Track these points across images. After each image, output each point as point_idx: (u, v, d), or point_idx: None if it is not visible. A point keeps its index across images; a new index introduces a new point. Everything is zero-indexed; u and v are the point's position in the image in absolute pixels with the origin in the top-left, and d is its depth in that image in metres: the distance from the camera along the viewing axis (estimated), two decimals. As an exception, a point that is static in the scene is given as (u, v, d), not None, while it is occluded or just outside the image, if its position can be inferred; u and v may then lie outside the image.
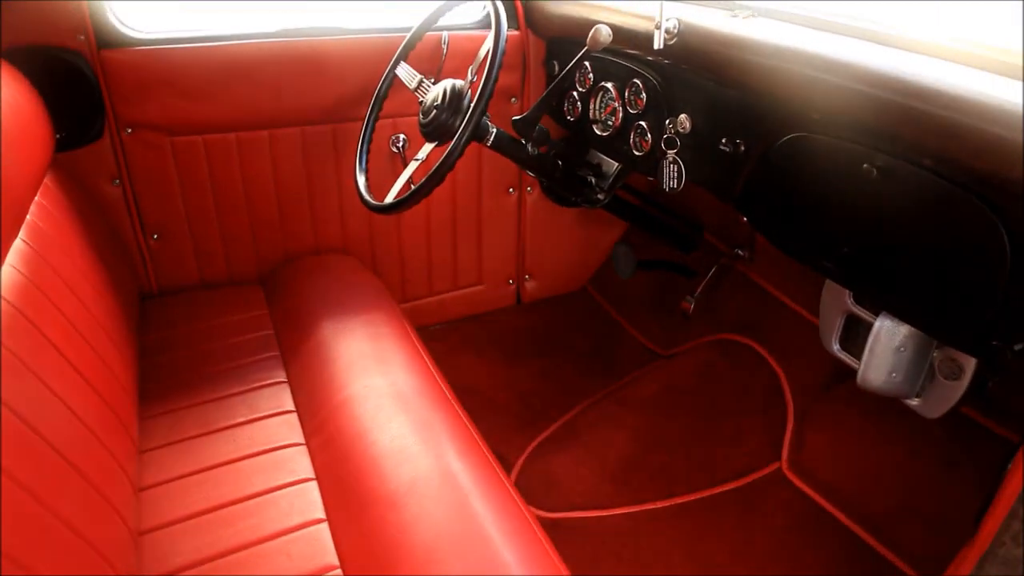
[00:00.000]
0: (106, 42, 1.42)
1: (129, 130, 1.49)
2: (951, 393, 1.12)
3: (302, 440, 1.19)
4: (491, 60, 1.26)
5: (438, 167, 1.26)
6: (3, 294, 0.86)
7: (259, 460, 1.14)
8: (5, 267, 0.91)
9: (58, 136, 1.33)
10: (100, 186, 1.51)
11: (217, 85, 1.52)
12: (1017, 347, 0.88)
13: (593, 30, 1.24)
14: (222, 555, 0.97)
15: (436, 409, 1.18)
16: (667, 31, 1.25)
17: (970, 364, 1.08)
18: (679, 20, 1.26)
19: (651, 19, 1.29)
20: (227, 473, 1.11)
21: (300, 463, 1.14)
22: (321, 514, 1.04)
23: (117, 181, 1.52)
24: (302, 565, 0.96)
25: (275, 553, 0.98)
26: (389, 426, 1.12)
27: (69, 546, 0.76)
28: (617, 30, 1.28)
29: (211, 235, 1.65)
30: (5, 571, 0.64)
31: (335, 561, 0.97)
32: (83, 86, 1.42)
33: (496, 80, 1.26)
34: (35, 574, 0.68)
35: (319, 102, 1.62)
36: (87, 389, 0.97)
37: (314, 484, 1.10)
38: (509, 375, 1.84)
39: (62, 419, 0.87)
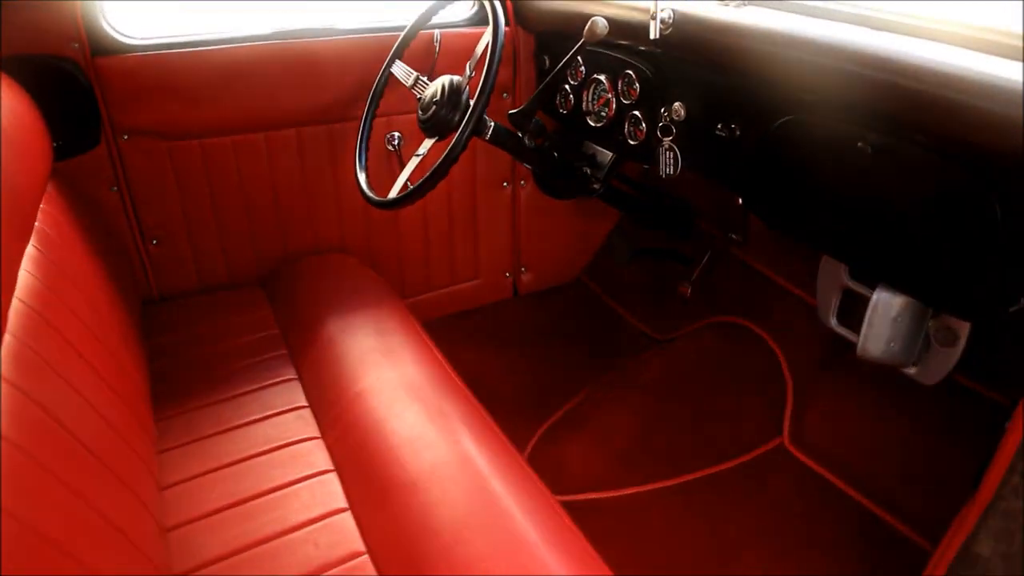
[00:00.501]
0: (100, 49, 1.42)
1: (125, 136, 1.49)
2: (947, 359, 1.16)
3: (318, 434, 1.20)
4: (491, 54, 1.28)
5: (442, 161, 1.28)
6: (24, 299, 0.87)
7: (277, 455, 1.15)
8: (22, 272, 0.92)
9: (55, 144, 1.33)
10: (98, 193, 1.51)
11: (212, 89, 1.52)
12: (1011, 309, 0.93)
13: (590, 23, 1.26)
14: (249, 547, 0.98)
15: (449, 398, 1.20)
16: (662, 21, 1.28)
17: (964, 330, 1.13)
18: (673, 10, 1.29)
19: (644, 11, 1.32)
20: (246, 469, 1.12)
21: (318, 456, 1.15)
22: (344, 503, 1.06)
23: (115, 187, 1.52)
24: (329, 553, 0.97)
25: (302, 543, 0.99)
26: (405, 416, 1.14)
27: (108, 538, 0.77)
28: (610, 22, 1.30)
29: (210, 238, 1.66)
30: (53, 560, 0.65)
31: (362, 547, 0.98)
32: (78, 94, 1.41)
33: (496, 74, 1.28)
34: (83, 565, 0.69)
35: (314, 103, 1.63)
36: (107, 390, 0.98)
37: (334, 475, 1.11)
38: (510, 366, 1.86)
39: (88, 418, 0.88)
